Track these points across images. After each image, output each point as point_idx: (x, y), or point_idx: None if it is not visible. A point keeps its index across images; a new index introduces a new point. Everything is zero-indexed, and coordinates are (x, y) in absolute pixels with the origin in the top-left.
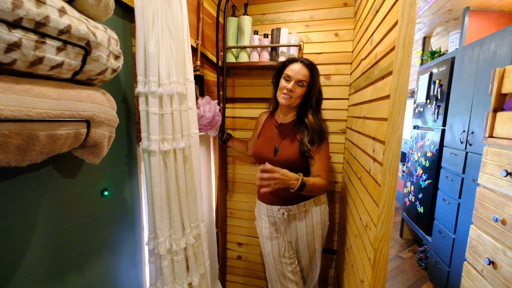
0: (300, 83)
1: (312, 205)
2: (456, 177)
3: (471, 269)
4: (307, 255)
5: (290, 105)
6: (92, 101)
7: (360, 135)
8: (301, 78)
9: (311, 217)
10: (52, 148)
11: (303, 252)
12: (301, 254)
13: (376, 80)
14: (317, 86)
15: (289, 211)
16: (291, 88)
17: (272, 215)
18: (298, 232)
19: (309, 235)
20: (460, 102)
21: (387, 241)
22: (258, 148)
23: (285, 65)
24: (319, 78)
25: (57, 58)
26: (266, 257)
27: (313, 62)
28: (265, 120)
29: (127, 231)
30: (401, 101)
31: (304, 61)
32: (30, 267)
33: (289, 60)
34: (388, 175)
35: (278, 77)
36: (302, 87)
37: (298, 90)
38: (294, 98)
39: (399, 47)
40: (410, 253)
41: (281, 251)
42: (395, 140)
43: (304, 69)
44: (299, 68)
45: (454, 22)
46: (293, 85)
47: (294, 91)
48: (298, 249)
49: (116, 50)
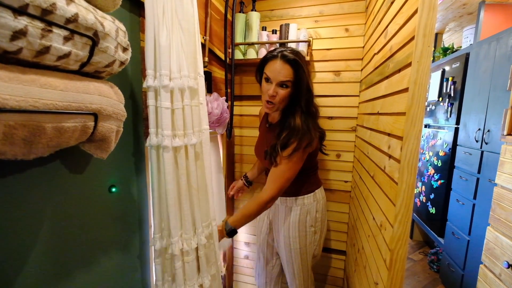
0: (283, 85)
1: (293, 203)
2: (471, 177)
3: (488, 272)
4: (284, 256)
5: (275, 111)
6: (99, 94)
7: (373, 132)
8: (282, 79)
9: (290, 214)
10: (59, 141)
11: (281, 252)
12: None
13: (391, 74)
14: (304, 83)
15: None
16: (272, 93)
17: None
18: (278, 228)
19: (285, 231)
20: (475, 99)
21: (405, 242)
22: (255, 149)
23: (265, 61)
24: (307, 73)
25: (64, 48)
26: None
27: (298, 52)
28: (262, 118)
29: (134, 228)
30: (421, 94)
31: (286, 56)
32: (36, 263)
33: (268, 56)
34: (406, 172)
35: (260, 75)
36: (286, 88)
37: (281, 93)
38: (277, 103)
39: (419, 36)
40: (421, 255)
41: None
42: (414, 135)
43: (286, 67)
44: (279, 67)
45: (468, 17)
46: (273, 89)
47: (276, 95)
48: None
49: (124, 42)
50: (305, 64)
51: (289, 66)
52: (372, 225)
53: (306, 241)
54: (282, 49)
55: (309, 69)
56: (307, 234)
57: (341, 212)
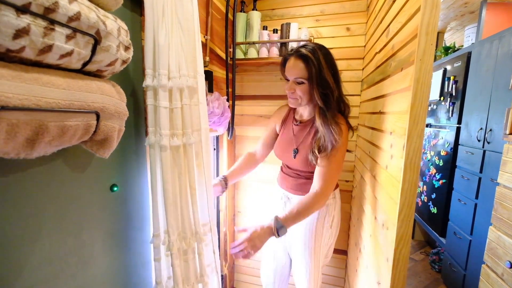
0: (298, 81)
1: None
2: (473, 177)
3: (490, 272)
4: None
5: (299, 105)
6: (102, 93)
7: (375, 131)
8: (296, 76)
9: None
10: (61, 140)
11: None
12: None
13: (393, 72)
14: (318, 79)
15: (288, 199)
16: (289, 90)
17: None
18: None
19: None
20: (477, 99)
21: (408, 241)
22: (277, 148)
23: (284, 59)
24: (325, 68)
25: (66, 46)
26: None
27: (316, 48)
28: (286, 116)
29: (136, 228)
30: (424, 92)
31: (299, 51)
32: (38, 262)
33: (287, 54)
34: (409, 171)
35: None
36: (302, 85)
37: (298, 89)
38: (299, 99)
39: (422, 34)
40: (422, 255)
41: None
42: (417, 134)
43: (298, 63)
44: (292, 63)
45: (470, 16)
46: (290, 86)
47: (294, 92)
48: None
49: (126, 41)
50: (324, 58)
51: (301, 62)
52: (374, 224)
53: (322, 241)
54: (301, 45)
55: (332, 63)
56: (323, 233)
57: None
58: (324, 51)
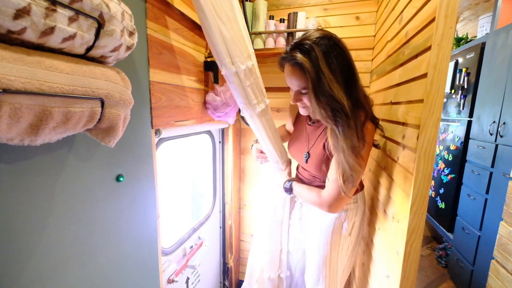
0: (301, 91)
1: None
2: (484, 171)
3: (499, 268)
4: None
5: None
6: (106, 79)
7: (385, 122)
8: (297, 87)
9: (325, 216)
10: (66, 127)
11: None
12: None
13: (406, 60)
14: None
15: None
16: (294, 102)
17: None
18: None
19: (315, 234)
20: (491, 91)
21: (420, 234)
22: (291, 149)
23: (281, 65)
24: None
25: (69, 29)
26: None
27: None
28: (299, 113)
29: (142, 218)
30: (441, 80)
31: (292, 57)
32: (47, 250)
33: (282, 55)
34: (423, 162)
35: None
36: (306, 94)
37: (305, 99)
38: (309, 107)
39: (440, 17)
40: (428, 250)
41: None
42: (432, 123)
43: (294, 71)
44: (289, 72)
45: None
46: (294, 97)
47: (301, 101)
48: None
49: (130, 26)
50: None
51: (297, 69)
52: (383, 218)
53: (339, 251)
54: (295, 43)
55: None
56: (341, 242)
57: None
58: (325, 47)
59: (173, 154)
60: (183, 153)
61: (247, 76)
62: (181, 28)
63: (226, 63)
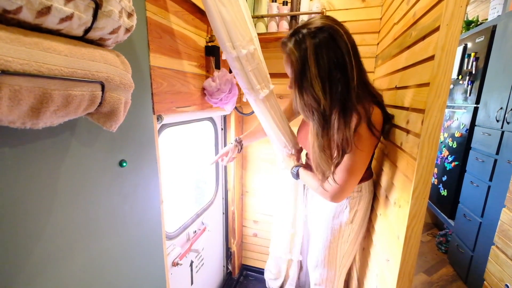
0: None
1: None
2: (488, 159)
3: (499, 253)
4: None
5: None
6: (105, 62)
7: (390, 108)
8: (290, 76)
9: (326, 204)
10: (67, 111)
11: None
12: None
13: (413, 43)
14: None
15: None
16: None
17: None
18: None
19: (317, 221)
20: (500, 76)
21: (421, 219)
22: (298, 136)
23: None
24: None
25: (65, 9)
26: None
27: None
28: None
29: (146, 203)
30: (448, 62)
31: (285, 45)
32: (53, 232)
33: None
34: (427, 146)
35: None
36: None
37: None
38: None
39: None
40: (429, 237)
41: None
42: (438, 107)
43: (287, 60)
44: (284, 59)
45: None
46: (289, 84)
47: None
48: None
49: (128, 7)
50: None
51: (291, 58)
52: (384, 203)
53: (340, 238)
54: (294, 30)
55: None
56: (341, 229)
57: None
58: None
59: (176, 141)
60: (185, 140)
61: (249, 61)
62: (181, 11)
63: (227, 47)
